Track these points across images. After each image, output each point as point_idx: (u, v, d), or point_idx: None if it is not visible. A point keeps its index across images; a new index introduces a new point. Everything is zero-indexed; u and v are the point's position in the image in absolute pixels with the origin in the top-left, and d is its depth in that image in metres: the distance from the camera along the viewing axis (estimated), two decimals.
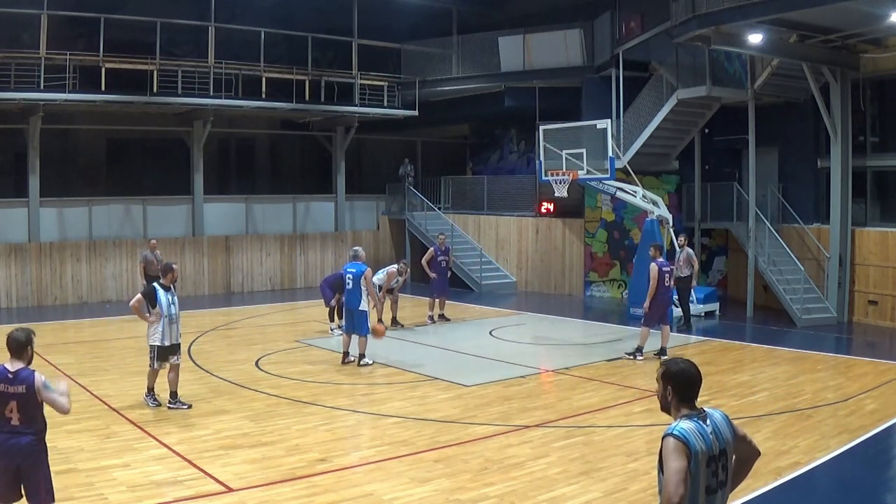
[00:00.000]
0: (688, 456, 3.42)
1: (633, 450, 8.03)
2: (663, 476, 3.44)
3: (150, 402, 9.53)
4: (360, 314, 12.00)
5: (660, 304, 12.45)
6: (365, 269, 12.13)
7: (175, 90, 19.37)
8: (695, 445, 3.45)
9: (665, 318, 12.70)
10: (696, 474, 3.43)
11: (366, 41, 22.45)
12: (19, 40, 18.93)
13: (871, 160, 16.78)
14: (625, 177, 17.77)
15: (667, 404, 3.69)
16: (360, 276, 12.00)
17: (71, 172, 21.35)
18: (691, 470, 3.41)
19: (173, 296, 9.52)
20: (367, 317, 12.12)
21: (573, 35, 20.85)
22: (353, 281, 12.06)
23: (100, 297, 19.57)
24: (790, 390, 10.53)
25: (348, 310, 12.19)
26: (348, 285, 12.16)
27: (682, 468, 3.39)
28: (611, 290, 20.37)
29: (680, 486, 3.35)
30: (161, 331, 9.36)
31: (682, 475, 3.37)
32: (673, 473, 3.38)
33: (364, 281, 11.99)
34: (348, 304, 12.18)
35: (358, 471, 7.45)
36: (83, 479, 6.99)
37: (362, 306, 11.98)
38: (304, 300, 19.77)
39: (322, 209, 24.26)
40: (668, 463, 3.43)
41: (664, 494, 3.39)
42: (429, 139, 27.46)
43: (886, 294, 15.97)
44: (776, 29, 14.64)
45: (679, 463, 3.40)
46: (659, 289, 12.33)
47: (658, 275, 12.30)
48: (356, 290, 12.02)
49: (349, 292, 12.14)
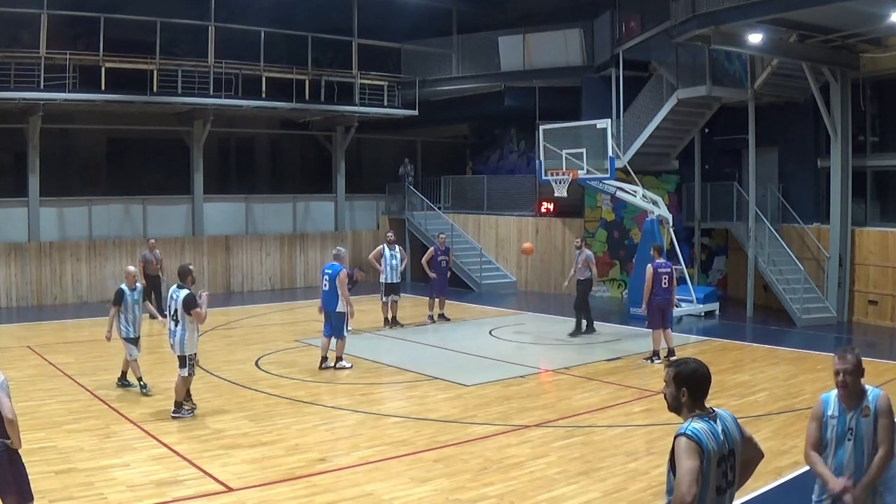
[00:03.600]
0: (700, 455, 3.43)
1: (632, 449, 8.03)
2: (676, 475, 3.44)
3: (187, 414, 9.13)
4: (338, 316, 11.76)
5: (659, 305, 12.42)
6: (340, 270, 11.86)
7: (175, 90, 19.36)
8: (707, 445, 3.46)
9: (667, 320, 12.66)
10: (707, 474, 3.44)
11: (366, 41, 22.45)
12: (19, 40, 18.93)
13: (871, 160, 16.78)
14: (625, 176, 17.77)
15: (678, 405, 3.69)
16: (335, 276, 11.76)
17: (71, 172, 21.34)
18: (703, 469, 3.42)
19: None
20: (346, 318, 11.87)
21: (573, 35, 20.85)
22: (329, 282, 11.83)
23: (100, 296, 19.53)
24: (790, 390, 10.53)
25: (326, 312, 11.88)
26: (325, 287, 11.89)
27: (695, 468, 3.39)
28: (611, 289, 20.37)
29: (693, 485, 3.36)
30: (196, 337, 9.20)
31: (694, 475, 3.38)
32: (686, 473, 3.38)
33: (338, 282, 11.71)
34: (326, 306, 11.86)
35: (357, 470, 7.44)
36: (83, 478, 6.99)
37: (339, 308, 11.72)
38: (303, 300, 19.76)
39: (322, 209, 24.25)
40: (680, 462, 3.43)
41: (676, 494, 3.38)
42: (429, 139, 27.46)
43: (886, 294, 15.97)
44: (776, 29, 14.64)
45: (692, 463, 3.40)
46: (654, 289, 12.31)
47: (653, 275, 12.28)
48: (332, 291, 11.76)
49: (326, 294, 11.86)
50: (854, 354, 4.48)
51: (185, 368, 9.04)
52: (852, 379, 4.45)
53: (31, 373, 11.34)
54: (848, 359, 4.47)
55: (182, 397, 9.16)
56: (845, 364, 4.47)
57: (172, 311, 9.17)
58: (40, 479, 6.54)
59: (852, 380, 4.45)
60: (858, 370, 4.46)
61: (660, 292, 12.37)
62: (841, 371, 4.48)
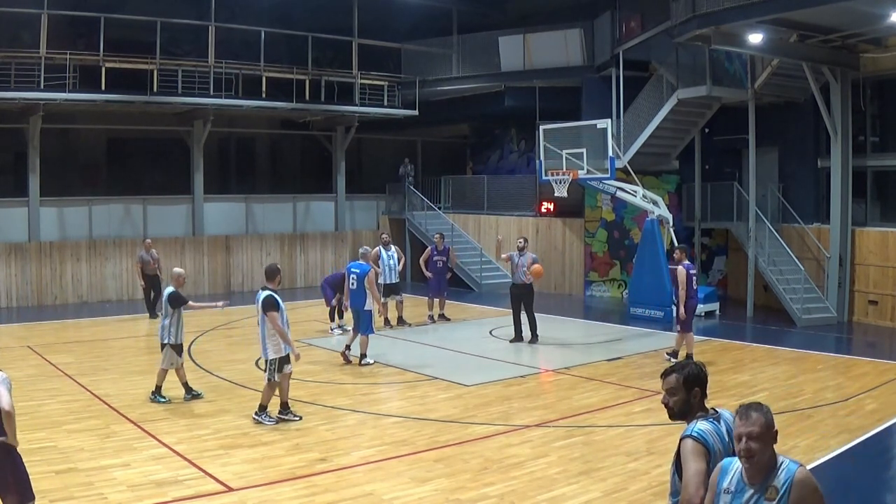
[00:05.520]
0: (707, 457, 3.43)
1: (632, 449, 8.03)
2: (683, 478, 3.44)
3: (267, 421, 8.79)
4: (366, 314, 12.03)
5: (692, 307, 12.35)
6: (368, 270, 12.15)
7: (175, 90, 19.36)
8: (713, 446, 3.46)
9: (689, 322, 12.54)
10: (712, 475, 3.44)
11: (366, 41, 22.44)
12: (19, 40, 18.93)
13: (871, 160, 16.78)
14: (625, 176, 17.77)
15: (688, 408, 3.68)
16: (364, 276, 12.01)
17: (71, 172, 21.33)
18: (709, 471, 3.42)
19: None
20: (372, 316, 12.15)
21: (573, 35, 20.85)
22: (357, 281, 12.07)
23: (100, 296, 19.57)
24: (790, 390, 10.53)
25: (354, 310, 12.19)
26: (352, 286, 12.15)
27: (702, 469, 3.38)
28: (611, 289, 20.37)
29: (700, 488, 3.35)
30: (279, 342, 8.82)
31: (702, 477, 3.37)
32: (693, 475, 3.37)
33: (367, 282, 11.98)
34: (353, 305, 12.16)
35: (358, 470, 7.44)
36: (83, 478, 6.99)
37: (367, 306, 12.01)
38: (303, 300, 19.76)
39: (322, 209, 24.25)
40: (687, 464, 3.42)
41: (684, 496, 3.38)
42: (429, 139, 27.45)
43: (886, 294, 15.97)
44: (776, 29, 14.64)
45: (699, 464, 3.39)
46: (688, 291, 12.19)
47: (686, 278, 12.12)
48: (360, 290, 12.03)
49: (354, 293, 12.14)
50: (762, 413, 3.26)
51: (267, 373, 8.85)
52: (759, 446, 3.22)
53: (31, 373, 11.33)
54: (753, 418, 3.24)
55: (267, 401, 8.88)
56: (749, 426, 3.22)
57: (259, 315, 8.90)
58: (41, 478, 6.54)
59: (759, 447, 3.22)
60: (767, 435, 3.25)
61: (693, 294, 12.34)
62: (743, 436, 3.23)
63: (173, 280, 10.09)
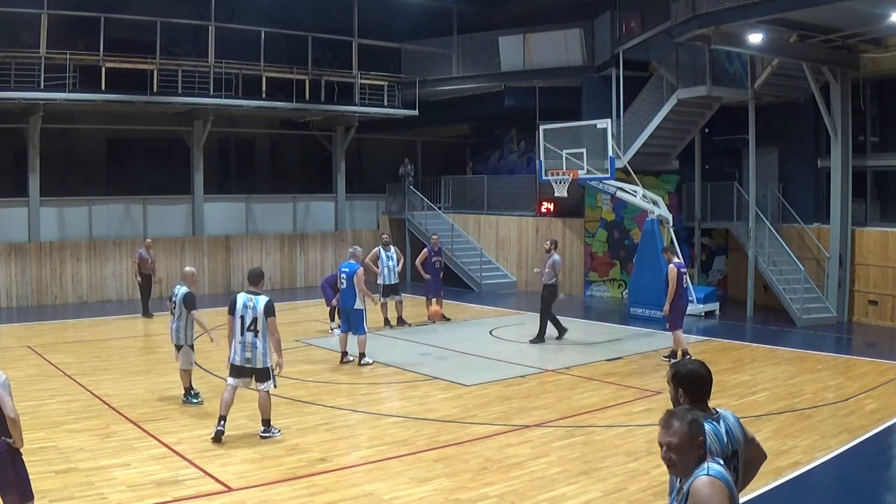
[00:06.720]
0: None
1: (632, 449, 8.02)
2: None
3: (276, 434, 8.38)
4: (356, 313, 12.00)
5: (681, 306, 12.41)
6: (357, 268, 12.08)
7: (175, 90, 19.37)
8: (711, 447, 3.45)
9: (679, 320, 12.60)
10: None
11: (366, 41, 22.45)
12: (19, 40, 18.93)
13: (871, 160, 16.78)
14: (625, 176, 17.77)
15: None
16: (352, 275, 11.97)
17: (71, 172, 21.32)
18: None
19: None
20: (364, 316, 12.11)
21: (573, 35, 20.85)
22: (347, 280, 12.05)
23: (100, 296, 19.57)
24: (790, 390, 10.53)
25: (344, 309, 12.22)
26: (342, 285, 12.16)
27: None
28: (611, 289, 20.37)
29: None
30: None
31: None
32: None
33: (356, 279, 11.93)
34: (343, 304, 12.20)
35: (358, 470, 7.44)
36: (83, 478, 6.98)
37: (357, 305, 11.98)
38: (303, 300, 19.76)
39: (322, 209, 24.25)
40: None
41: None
42: (429, 139, 27.46)
43: (886, 294, 15.97)
44: (776, 29, 14.64)
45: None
46: (678, 290, 12.28)
47: (677, 276, 12.24)
48: (350, 289, 12.01)
49: (344, 292, 12.16)
50: (684, 423, 3.23)
51: (269, 382, 8.34)
52: (678, 457, 3.21)
53: (31, 373, 11.33)
54: (673, 428, 3.22)
55: (269, 414, 8.39)
56: (668, 436, 3.23)
57: (250, 321, 8.19)
58: (41, 478, 6.54)
59: (679, 458, 3.22)
60: (688, 445, 3.21)
61: (683, 293, 12.43)
62: (663, 444, 3.25)
63: (187, 280, 9.85)
